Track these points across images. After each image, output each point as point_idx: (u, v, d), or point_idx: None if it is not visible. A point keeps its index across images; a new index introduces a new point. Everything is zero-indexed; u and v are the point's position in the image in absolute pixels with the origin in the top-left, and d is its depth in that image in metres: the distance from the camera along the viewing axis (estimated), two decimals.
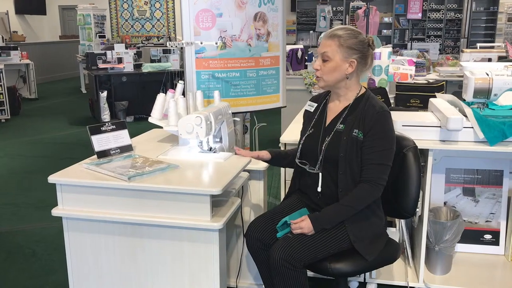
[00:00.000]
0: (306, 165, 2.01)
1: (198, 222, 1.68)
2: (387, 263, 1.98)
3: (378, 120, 1.88)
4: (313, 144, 2.00)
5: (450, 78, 4.73)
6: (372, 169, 1.87)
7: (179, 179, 1.75)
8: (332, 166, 1.93)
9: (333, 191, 1.93)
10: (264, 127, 3.00)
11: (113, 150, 1.99)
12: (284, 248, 1.82)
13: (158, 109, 2.29)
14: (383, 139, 1.88)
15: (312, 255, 1.84)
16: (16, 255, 3.06)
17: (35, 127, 6.97)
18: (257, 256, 2.03)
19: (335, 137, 1.93)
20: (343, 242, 1.88)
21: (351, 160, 1.89)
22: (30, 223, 3.56)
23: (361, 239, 1.89)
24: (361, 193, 1.88)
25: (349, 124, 1.92)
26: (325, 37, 1.92)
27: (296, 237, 1.86)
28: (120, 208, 1.75)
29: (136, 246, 1.79)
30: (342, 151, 1.89)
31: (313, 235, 1.86)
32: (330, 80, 1.93)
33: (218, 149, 2.15)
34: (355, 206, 1.87)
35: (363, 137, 1.88)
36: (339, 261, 1.87)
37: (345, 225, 1.88)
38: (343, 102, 1.99)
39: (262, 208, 2.49)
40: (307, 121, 2.11)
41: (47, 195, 4.17)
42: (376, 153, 1.87)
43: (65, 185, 1.77)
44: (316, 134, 2.01)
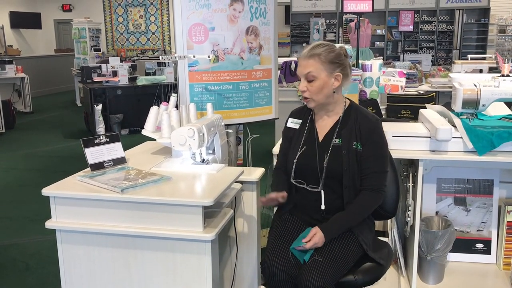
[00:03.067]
0: (304, 184, 1.98)
1: (190, 233, 1.70)
2: (388, 266, 2.00)
3: (374, 129, 1.93)
4: (309, 162, 1.97)
5: (442, 89, 4.79)
6: (373, 177, 1.91)
7: (172, 191, 1.77)
8: (336, 181, 1.93)
9: (338, 206, 1.93)
10: (258, 138, 3.02)
11: (107, 162, 2.01)
12: (319, 274, 1.77)
13: (151, 122, 2.31)
14: (380, 147, 1.93)
15: (341, 273, 1.84)
16: (10, 269, 3.05)
17: (30, 141, 6.97)
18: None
19: (334, 153, 1.93)
20: (357, 252, 1.90)
21: (354, 173, 1.91)
22: (24, 237, 3.56)
23: (371, 246, 1.93)
24: (367, 201, 1.91)
25: (346, 138, 1.93)
26: (304, 58, 1.92)
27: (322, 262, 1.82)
28: (113, 220, 1.76)
29: (129, 257, 1.80)
30: (345, 165, 1.91)
31: (333, 253, 1.85)
32: (320, 99, 1.94)
33: (211, 160, 2.17)
34: (362, 214, 1.91)
35: (361, 148, 1.91)
36: (359, 272, 1.90)
37: (356, 235, 1.91)
38: (333, 117, 1.99)
39: (256, 219, 2.50)
40: (294, 138, 2.05)
41: (41, 208, 4.16)
42: (375, 161, 1.91)
43: (58, 197, 1.78)
44: (311, 151, 1.99)
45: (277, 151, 2.48)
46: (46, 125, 8.24)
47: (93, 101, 6.86)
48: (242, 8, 2.50)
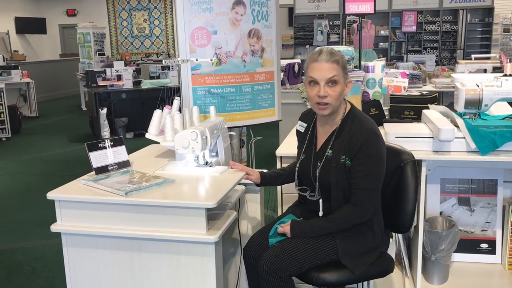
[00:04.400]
0: (307, 192, 2.00)
1: (194, 235, 1.71)
2: (377, 277, 1.97)
3: (364, 144, 1.83)
4: (306, 171, 1.99)
5: (446, 89, 4.78)
6: (359, 194, 1.85)
7: (175, 193, 1.78)
8: (327, 191, 1.92)
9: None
10: (262, 140, 3.03)
11: (111, 166, 2.03)
12: (270, 258, 1.85)
13: (154, 125, 2.33)
14: (369, 164, 1.84)
15: (298, 265, 1.85)
16: (16, 272, 3.08)
17: (36, 145, 7.02)
18: (250, 271, 2.04)
19: (326, 164, 1.92)
20: (331, 255, 1.88)
21: (344, 187, 1.87)
22: (30, 241, 3.58)
23: (348, 254, 1.88)
24: (345, 214, 1.87)
25: (336, 150, 1.90)
26: (327, 62, 1.83)
27: (282, 247, 1.87)
28: (118, 223, 1.78)
29: (134, 260, 1.81)
30: (334, 178, 1.88)
31: (302, 245, 1.87)
32: (337, 105, 1.87)
33: (214, 163, 2.19)
34: (338, 226, 1.87)
35: (350, 162, 1.86)
36: (325, 271, 1.87)
37: (336, 240, 1.88)
38: (332, 125, 1.95)
39: (259, 221, 2.51)
40: (300, 143, 2.09)
41: (47, 212, 4.19)
42: (362, 177, 1.84)
43: (63, 201, 1.80)
44: (308, 159, 2.00)
45: (280, 153, 2.49)
46: (51, 129, 8.30)
47: (98, 105, 6.91)
48: (244, 11, 2.51)
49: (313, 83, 1.86)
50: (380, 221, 1.99)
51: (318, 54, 1.87)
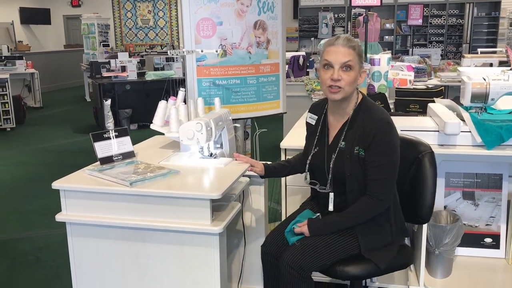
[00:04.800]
0: (317, 185, 1.99)
1: (198, 226, 1.72)
2: (398, 269, 1.98)
3: (377, 135, 1.81)
4: (319, 163, 1.97)
5: (451, 83, 4.76)
6: (373, 185, 1.84)
7: (180, 184, 1.78)
8: (341, 185, 1.91)
9: (344, 208, 1.91)
10: (266, 133, 3.03)
11: (116, 156, 2.03)
12: (293, 256, 1.84)
13: (159, 116, 2.33)
14: (383, 154, 1.82)
15: (321, 262, 1.85)
16: (20, 262, 3.09)
17: (40, 136, 7.04)
18: (268, 269, 2.03)
19: (339, 156, 1.90)
20: (354, 249, 1.89)
21: (358, 178, 1.86)
22: (34, 230, 3.60)
23: (371, 248, 1.88)
24: (362, 207, 1.86)
25: (349, 141, 1.88)
26: (343, 46, 1.82)
27: (304, 245, 1.87)
28: (122, 213, 1.78)
29: (138, 250, 1.82)
30: (348, 170, 1.87)
31: (323, 242, 1.86)
32: (349, 91, 1.85)
33: (219, 154, 2.18)
34: (355, 219, 1.87)
35: (364, 153, 1.84)
36: (349, 264, 1.88)
37: (357, 236, 1.88)
38: (344, 116, 1.93)
39: (263, 213, 2.51)
40: (311, 136, 2.06)
41: (51, 202, 4.21)
42: (376, 168, 1.82)
43: (68, 191, 1.81)
44: (321, 152, 1.98)
45: (285, 145, 2.49)
46: (55, 120, 8.31)
47: (102, 96, 6.91)
48: (249, 2, 2.50)
49: (328, 66, 1.84)
50: (398, 212, 1.98)
51: (335, 39, 1.86)
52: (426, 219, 2.02)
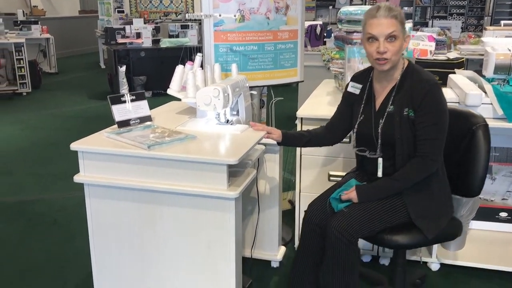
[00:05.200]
0: (365, 152, 2.00)
1: (215, 191, 1.73)
2: (446, 240, 1.98)
3: (426, 95, 1.83)
4: (367, 130, 1.97)
5: (472, 56, 4.65)
6: (424, 145, 1.84)
7: (197, 149, 1.78)
8: (390, 149, 1.91)
9: (393, 174, 1.91)
10: (281, 103, 3.00)
11: (133, 120, 2.04)
12: (341, 220, 1.85)
13: (176, 81, 2.31)
14: (433, 114, 1.83)
15: (369, 229, 1.86)
16: (38, 223, 3.16)
17: (55, 101, 7.09)
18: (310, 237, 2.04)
19: (388, 120, 1.90)
20: (403, 217, 1.89)
21: (408, 141, 1.87)
22: (51, 193, 3.67)
23: (421, 216, 1.88)
24: (412, 168, 1.86)
25: (398, 104, 1.89)
26: (386, 17, 1.82)
27: (352, 211, 1.88)
28: (140, 176, 1.80)
29: (155, 213, 1.84)
30: (397, 133, 1.88)
31: (372, 209, 1.88)
32: (396, 60, 1.87)
33: (235, 121, 2.18)
34: (405, 181, 1.87)
35: (414, 114, 1.85)
36: (397, 233, 1.89)
37: (406, 201, 1.88)
38: (391, 82, 1.94)
39: (278, 181, 2.52)
40: (355, 106, 2.06)
41: (67, 166, 4.27)
42: (427, 128, 1.83)
43: (86, 152, 1.82)
44: (368, 119, 1.98)
45: (302, 114, 2.47)
46: (71, 86, 8.35)
47: (117, 62, 6.89)
48: None
49: (372, 39, 1.85)
50: (445, 184, 1.98)
51: (376, 10, 1.85)
52: (477, 192, 2.01)
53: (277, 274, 2.53)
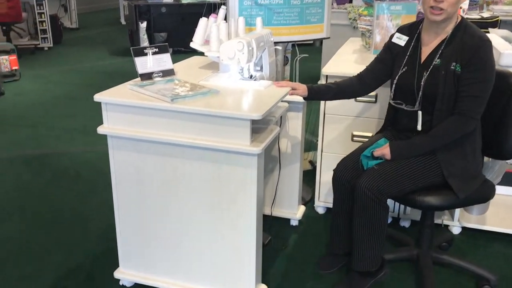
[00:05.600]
0: (403, 105, 1.96)
1: (238, 146, 1.71)
2: (478, 202, 1.95)
3: (477, 51, 1.77)
4: (408, 82, 1.93)
5: (505, 17, 4.45)
6: (466, 101, 1.80)
7: (220, 104, 1.76)
8: (430, 103, 1.87)
9: (430, 129, 1.88)
10: (304, 63, 2.93)
11: (156, 73, 2.01)
12: (371, 179, 1.84)
13: (200, 34, 2.26)
14: (481, 71, 1.78)
15: (399, 187, 1.85)
16: (62, 175, 3.22)
17: (77, 56, 7.09)
18: (340, 194, 2.05)
19: (433, 73, 1.86)
20: (435, 176, 1.87)
21: (450, 96, 1.82)
22: (74, 147, 3.72)
23: (454, 175, 1.86)
24: (451, 124, 1.82)
25: (446, 58, 1.83)
26: None
27: (383, 169, 1.86)
28: (162, 129, 1.79)
29: (177, 167, 1.84)
30: (441, 87, 1.83)
31: (404, 167, 1.85)
32: (452, 13, 1.80)
33: (259, 77, 2.13)
34: (442, 138, 1.83)
35: (460, 70, 1.80)
36: (428, 194, 1.87)
37: (439, 160, 1.86)
38: (441, 35, 1.88)
39: (300, 140, 2.49)
40: (398, 58, 2.00)
41: (89, 120, 4.31)
42: (472, 85, 1.78)
43: (110, 104, 1.81)
44: (411, 71, 1.93)
45: (327, 71, 2.41)
46: (91, 41, 8.32)
47: (138, 18, 6.81)
48: None
49: None
50: (479, 145, 1.94)
51: None
52: (509, 155, 1.96)
53: (296, 232, 2.54)
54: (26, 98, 5.00)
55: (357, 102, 2.43)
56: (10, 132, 4.01)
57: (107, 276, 2.16)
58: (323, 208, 2.74)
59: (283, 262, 2.28)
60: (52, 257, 2.31)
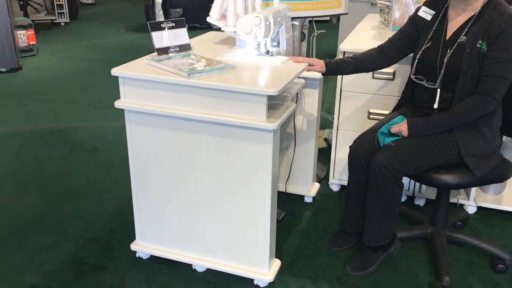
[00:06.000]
0: (423, 81, 1.93)
1: (254, 122, 1.71)
2: (495, 181, 1.93)
3: (506, 30, 1.72)
4: (431, 58, 1.89)
5: None
6: (489, 81, 1.76)
7: (237, 79, 1.75)
8: (452, 81, 1.84)
9: (450, 107, 1.86)
10: (321, 40, 2.90)
11: (172, 48, 2.00)
12: (387, 155, 1.83)
13: (216, 9, 2.24)
14: (508, 50, 1.73)
15: (416, 165, 1.84)
16: (79, 149, 3.27)
17: (93, 32, 7.10)
18: (356, 170, 2.04)
19: (457, 50, 1.82)
20: (452, 154, 1.85)
21: (473, 74, 1.79)
22: (90, 121, 3.75)
23: (472, 154, 1.84)
24: (471, 104, 1.79)
25: (472, 35, 1.79)
26: None
27: (399, 146, 1.85)
28: (179, 104, 1.79)
29: (193, 142, 1.85)
30: (465, 65, 1.79)
31: (421, 144, 1.84)
32: None
33: (275, 53, 2.12)
34: (462, 117, 1.80)
35: (487, 48, 1.76)
36: (444, 172, 1.86)
37: (457, 137, 1.84)
38: (469, 12, 1.83)
39: (316, 117, 2.48)
40: (423, 33, 1.96)
41: (105, 96, 4.34)
42: (497, 64, 1.74)
43: (127, 78, 1.82)
44: (435, 47, 1.89)
45: (345, 48, 2.38)
46: (107, 17, 8.32)
47: None
48: None
49: None
50: (498, 124, 1.92)
51: None
52: None
53: (310, 209, 2.55)
54: (43, 73, 5.04)
55: (374, 79, 2.40)
56: (28, 106, 4.07)
57: (123, 248, 2.20)
58: (337, 186, 2.74)
59: (296, 238, 2.30)
60: (70, 229, 2.37)
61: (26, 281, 2.00)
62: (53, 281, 1.99)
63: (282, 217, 2.43)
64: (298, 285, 1.98)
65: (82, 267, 2.08)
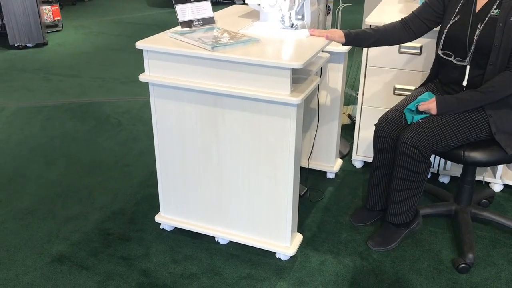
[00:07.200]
0: (452, 57, 1.87)
1: (277, 96, 1.70)
2: None
3: None
4: (460, 34, 1.83)
5: None
6: None
7: (261, 52, 1.74)
8: (482, 57, 1.78)
9: (481, 83, 1.81)
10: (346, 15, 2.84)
11: (196, 21, 2.00)
12: (416, 133, 1.81)
13: None
14: None
15: (445, 143, 1.81)
16: (105, 123, 3.31)
17: (117, 8, 7.12)
18: (382, 148, 2.02)
19: (489, 25, 1.75)
20: (482, 132, 1.82)
21: (505, 50, 1.73)
22: (115, 96, 3.79)
23: (503, 131, 1.81)
24: (503, 81, 1.74)
25: (505, 9, 1.72)
26: None
27: (428, 123, 1.81)
28: (203, 77, 1.79)
29: (217, 115, 1.85)
30: (497, 40, 1.73)
31: (450, 122, 1.81)
32: None
33: (300, 26, 2.09)
34: (493, 94, 1.75)
35: None
36: (475, 149, 1.83)
37: (487, 115, 1.80)
38: None
39: (340, 93, 2.45)
40: (450, 6, 1.89)
41: (129, 71, 4.37)
42: None
43: (151, 51, 1.82)
44: (464, 22, 1.83)
45: (371, 21, 2.33)
46: None
47: None
48: None
49: None
50: None
51: None
52: None
53: (332, 185, 2.55)
54: (68, 48, 5.10)
55: (401, 54, 2.35)
56: (53, 81, 4.13)
57: (148, 220, 2.25)
58: (360, 162, 2.72)
59: (318, 213, 2.30)
60: (96, 200, 2.42)
61: (55, 250, 2.06)
62: (81, 250, 2.05)
63: (304, 192, 2.44)
64: (319, 259, 2.00)
65: (108, 237, 2.14)
